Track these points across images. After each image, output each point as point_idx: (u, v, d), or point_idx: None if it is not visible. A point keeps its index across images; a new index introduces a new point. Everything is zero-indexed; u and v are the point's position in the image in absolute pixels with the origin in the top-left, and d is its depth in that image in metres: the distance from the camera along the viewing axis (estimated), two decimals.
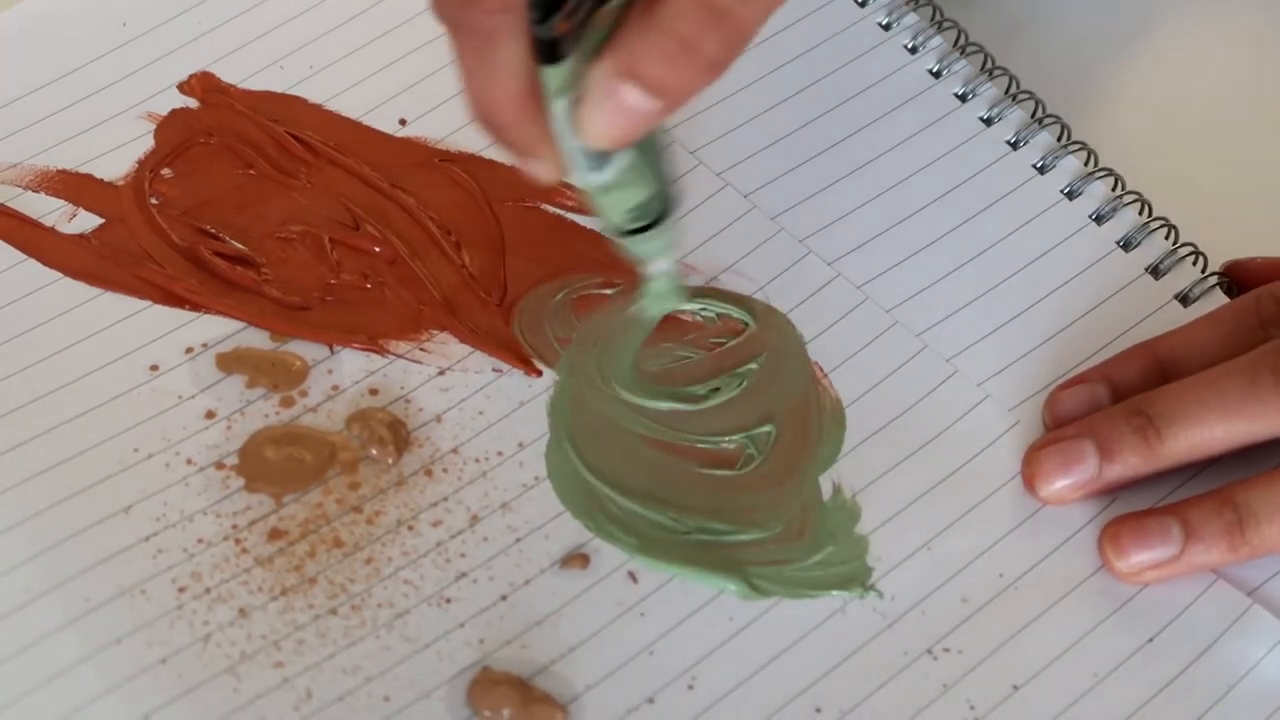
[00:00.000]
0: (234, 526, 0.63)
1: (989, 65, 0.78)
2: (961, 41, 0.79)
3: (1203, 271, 0.73)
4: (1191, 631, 0.64)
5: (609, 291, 0.71)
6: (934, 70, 0.79)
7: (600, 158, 0.57)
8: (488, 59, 0.55)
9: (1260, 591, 0.65)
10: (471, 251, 0.72)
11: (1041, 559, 0.66)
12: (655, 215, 0.61)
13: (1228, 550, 0.64)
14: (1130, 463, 0.65)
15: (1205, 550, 0.64)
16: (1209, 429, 0.64)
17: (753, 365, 0.70)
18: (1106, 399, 0.68)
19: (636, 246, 0.62)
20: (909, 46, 0.79)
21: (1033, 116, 0.77)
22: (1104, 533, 0.65)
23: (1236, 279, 0.72)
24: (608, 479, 0.66)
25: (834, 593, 0.64)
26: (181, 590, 0.62)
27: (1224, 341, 0.67)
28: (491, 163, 0.74)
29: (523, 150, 0.58)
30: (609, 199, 0.59)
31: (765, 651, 0.62)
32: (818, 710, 0.61)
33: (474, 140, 0.75)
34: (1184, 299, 0.73)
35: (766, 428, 0.68)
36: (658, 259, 0.63)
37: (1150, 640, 0.64)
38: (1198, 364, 0.67)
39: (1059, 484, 0.66)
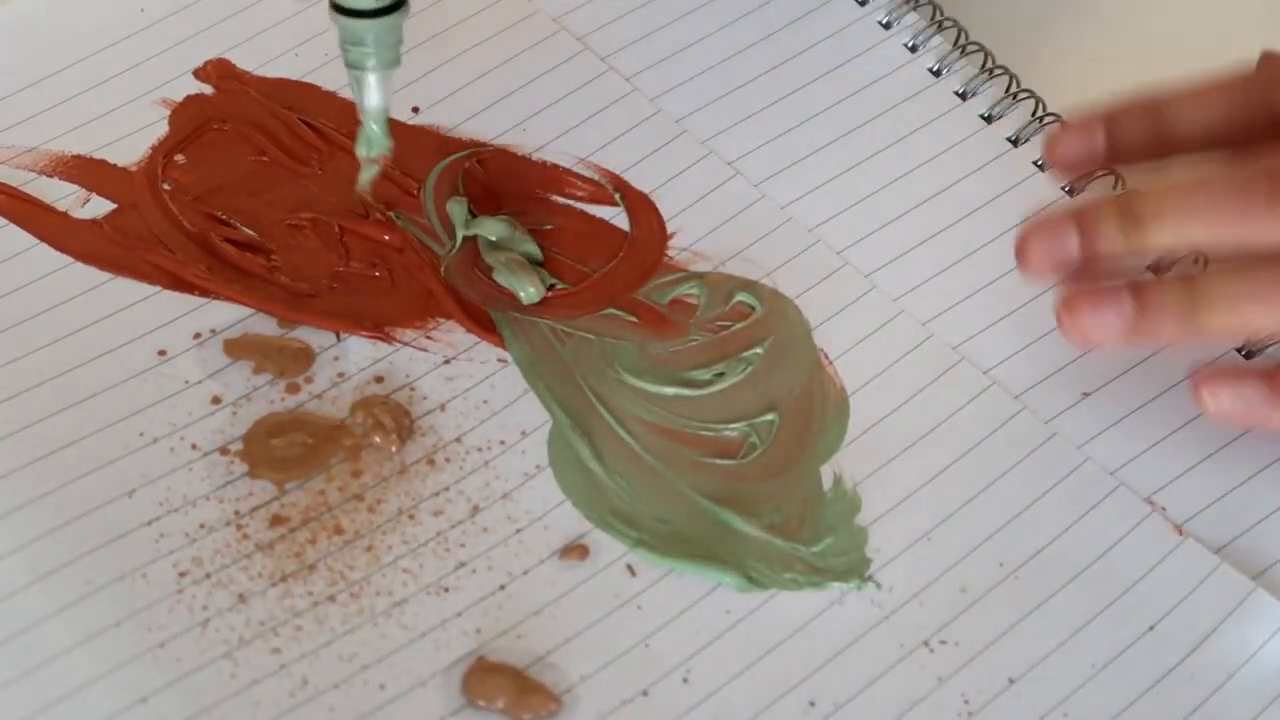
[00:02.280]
0: (236, 512, 0.63)
1: (989, 64, 0.77)
2: (961, 40, 0.78)
3: (1203, 270, 0.71)
4: (1193, 618, 0.63)
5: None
6: (934, 69, 0.79)
7: None
8: None
9: (1264, 576, 0.65)
10: None
11: (1042, 548, 0.65)
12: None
13: (1179, 326, 0.61)
14: (1112, 240, 0.62)
15: (1154, 324, 0.62)
16: (1189, 232, 0.62)
17: (758, 350, 0.70)
18: (1103, 149, 0.67)
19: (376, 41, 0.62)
20: (909, 45, 0.79)
21: (1033, 114, 0.77)
22: (1060, 300, 0.62)
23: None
24: (610, 468, 0.65)
25: (832, 585, 0.64)
26: (182, 575, 0.61)
27: (1229, 118, 0.65)
28: (504, 151, 0.74)
29: None
30: None
31: (761, 644, 0.62)
32: (811, 704, 0.61)
33: (485, 129, 0.75)
34: None
35: (769, 416, 0.68)
36: (375, 84, 0.63)
37: (1151, 628, 0.63)
38: (1199, 137, 0.65)
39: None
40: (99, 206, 0.71)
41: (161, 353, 0.67)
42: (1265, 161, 0.60)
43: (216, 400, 0.66)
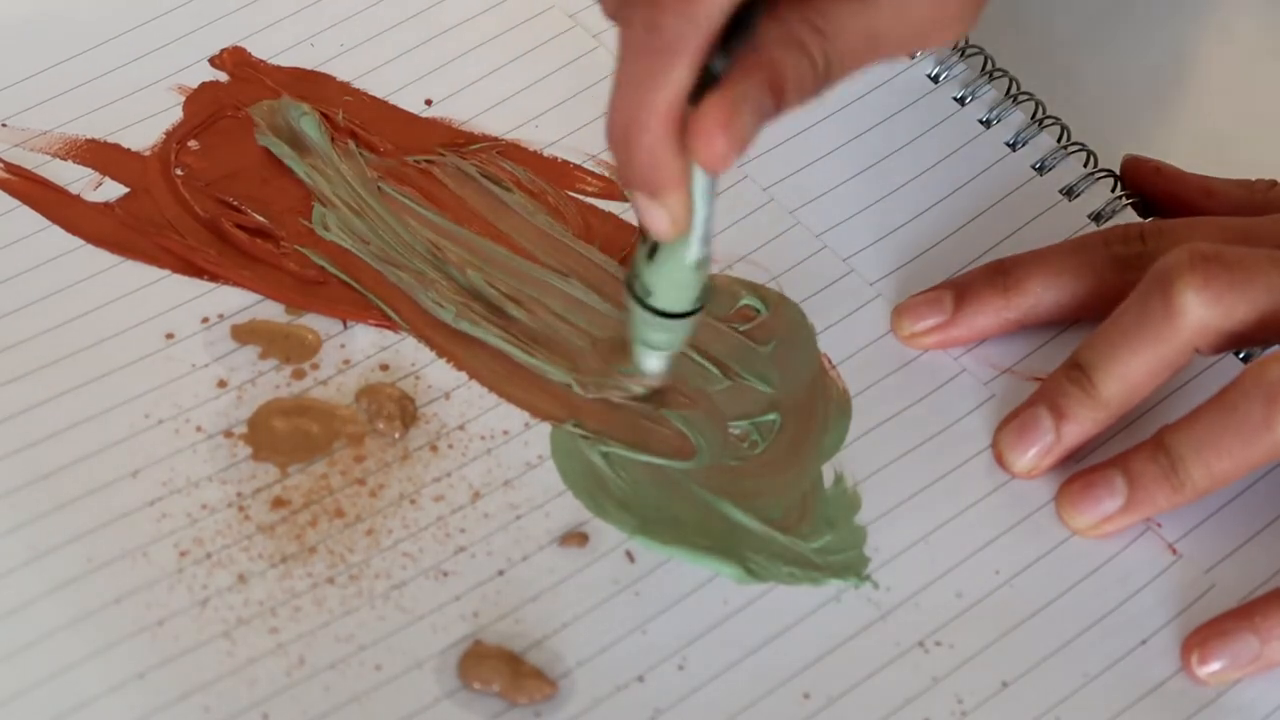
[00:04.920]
0: (238, 494, 0.63)
1: (989, 67, 0.78)
2: (960, 43, 0.78)
3: None
4: (1185, 636, 0.64)
5: None
6: (932, 74, 0.79)
7: (707, 234, 0.57)
8: (656, 69, 0.53)
9: (1254, 595, 0.65)
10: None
11: (1039, 557, 0.65)
12: (699, 304, 0.61)
13: (1171, 494, 0.63)
14: (1080, 416, 0.65)
15: (1150, 497, 0.64)
16: (1128, 365, 0.64)
17: (764, 350, 0.70)
18: (950, 305, 0.68)
19: (670, 332, 0.62)
20: (911, 54, 0.79)
21: (1032, 117, 0.77)
22: (1058, 495, 0.65)
23: (1130, 176, 0.73)
24: (613, 460, 0.65)
25: (830, 581, 0.63)
26: (183, 554, 0.61)
27: (1076, 290, 0.68)
28: (515, 145, 0.75)
29: (653, 184, 0.55)
30: (694, 276, 0.59)
31: (757, 635, 0.62)
32: (806, 696, 0.61)
33: (497, 124, 0.75)
34: None
35: (772, 416, 0.68)
36: (669, 349, 0.63)
37: (1144, 642, 0.63)
38: (1048, 310, 0.68)
39: (1027, 455, 0.66)
40: (111, 190, 0.71)
41: (169, 336, 0.67)
42: None
43: (222, 384, 0.66)
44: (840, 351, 0.70)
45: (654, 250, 0.59)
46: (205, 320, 0.68)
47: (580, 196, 0.73)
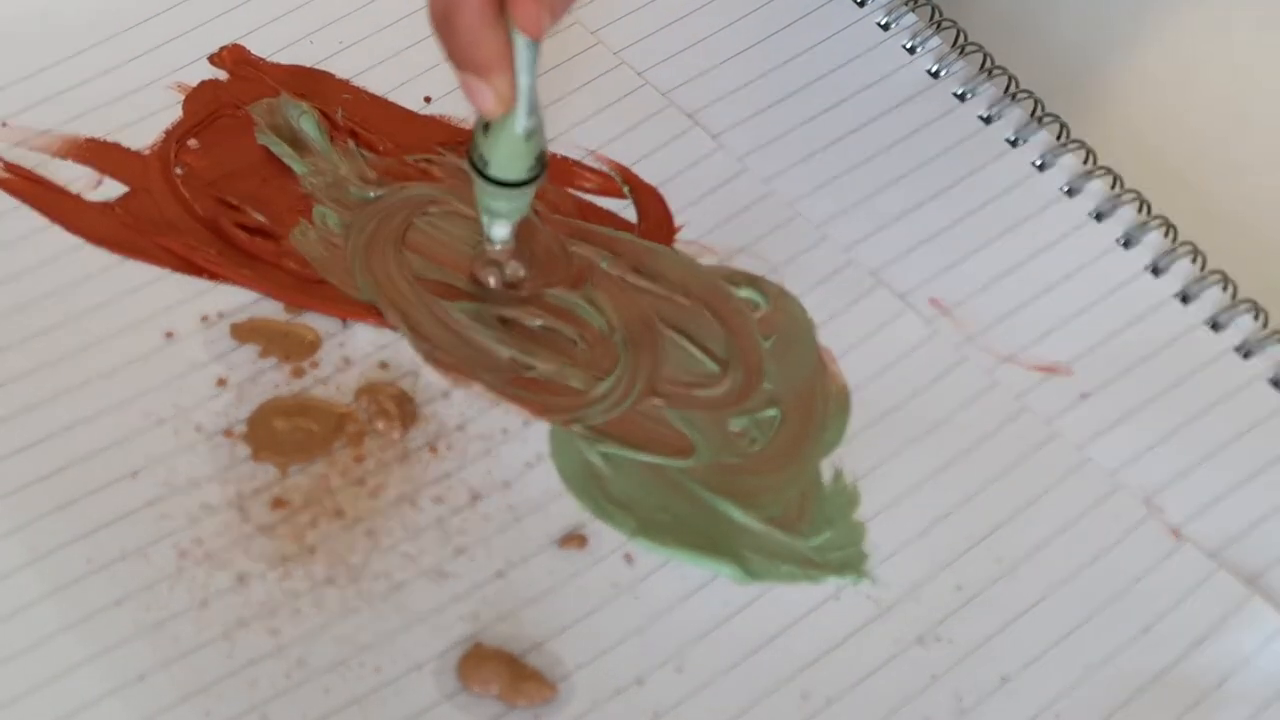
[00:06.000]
0: (238, 494, 0.63)
1: (988, 64, 0.77)
2: (960, 41, 0.78)
3: (1202, 269, 0.72)
4: (1188, 623, 0.63)
5: None
6: (932, 70, 0.78)
7: (533, 104, 0.61)
8: None
9: (1260, 582, 0.65)
10: None
11: (1039, 547, 0.65)
12: (535, 172, 0.64)
13: None
14: None
15: None
16: None
17: (763, 346, 0.69)
18: None
19: (509, 200, 0.65)
20: (908, 47, 0.79)
21: (1032, 115, 0.76)
22: None
23: None
24: (611, 459, 0.65)
25: (829, 578, 0.63)
26: (183, 555, 0.61)
27: None
28: None
29: (477, 65, 0.56)
30: (525, 146, 0.63)
31: (756, 636, 0.62)
32: (804, 697, 0.60)
33: None
34: (1184, 297, 0.72)
35: (771, 412, 0.67)
36: (511, 217, 0.66)
37: (1146, 631, 0.63)
38: None
39: None
40: (111, 189, 0.71)
41: (169, 335, 0.67)
42: None
43: (222, 383, 0.66)
44: (840, 344, 0.69)
45: (487, 126, 0.62)
46: (205, 319, 0.68)
47: (579, 194, 0.73)
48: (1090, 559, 0.64)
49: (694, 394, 0.67)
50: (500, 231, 0.67)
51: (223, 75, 0.75)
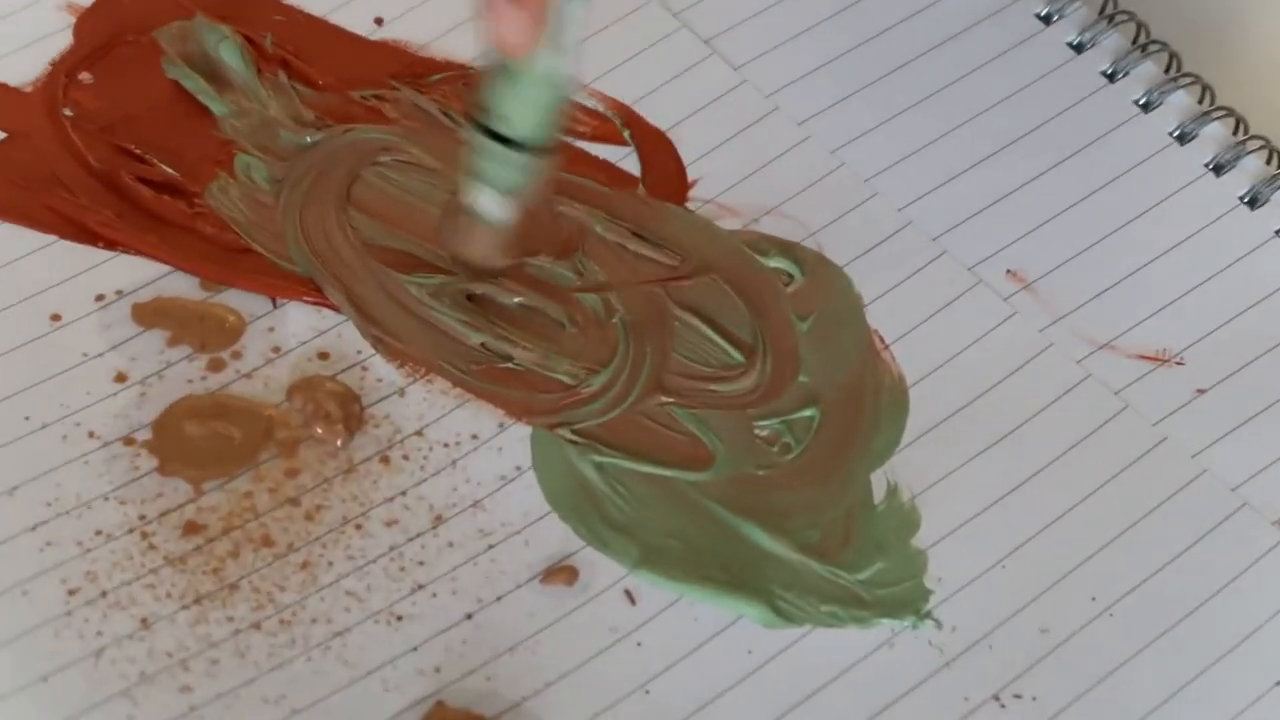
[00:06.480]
0: (141, 517, 0.62)
1: (1109, 9, 0.77)
2: None
3: None
4: None
5: None
6: (1041, 14, 0.78)
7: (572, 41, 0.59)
8: None
9: None
10: None
11: (1146, 579, 0.64)
12: (554, 138, 0.62)
13: None
14: None
15: None
16: None
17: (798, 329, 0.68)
18: None
19: (521, 171, 0.63)
20: None
21: (1133, 42, 0.76)
22: None
23: None
24: (608, 471, 0.64)
25: (881, 621, 0.63)
26: (72, 593, 0.61)
27: None
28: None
29: None
30: (553, 95, 0.61)
31: (790, 694, 0.61)
32: None
33: (462, 48, 0.74)
34: None
35: (809, 411, 0.67)
36: (519, 192, 0.64)
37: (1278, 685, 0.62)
38: None
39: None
40: None
41: (55, 318, 0.67)
42: None
43: (121, 378, 0.66)
44: (896, 327, 0.69)
45: (507, 66, 0.60)
46: (100, 298, 0.67)
47: (568, 139, 0.72)
48: (1207, 595, 0.64)
49: (711, 390, 0.67)
50: (500, 213, 0.65)
51: None
